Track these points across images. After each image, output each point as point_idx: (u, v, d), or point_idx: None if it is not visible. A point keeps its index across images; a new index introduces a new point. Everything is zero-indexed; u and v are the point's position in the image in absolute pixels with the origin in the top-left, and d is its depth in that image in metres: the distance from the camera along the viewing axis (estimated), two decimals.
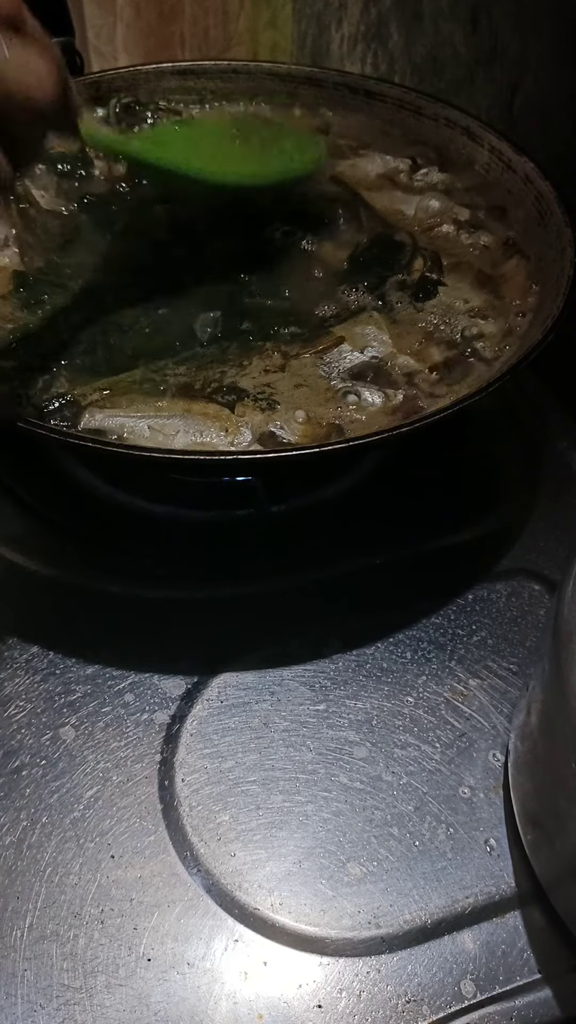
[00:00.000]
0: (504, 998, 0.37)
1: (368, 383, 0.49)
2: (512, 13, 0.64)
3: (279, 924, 0.39)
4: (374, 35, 0.84)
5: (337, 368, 0.50)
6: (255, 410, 0.47)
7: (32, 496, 0.54)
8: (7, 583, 0.51)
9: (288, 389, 0.49)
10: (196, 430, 0.46)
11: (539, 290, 0.53)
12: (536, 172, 0.57)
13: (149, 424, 0.46)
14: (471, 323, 0.51)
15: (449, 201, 0.60)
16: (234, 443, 0.46)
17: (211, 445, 0.45)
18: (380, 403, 0.48)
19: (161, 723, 0.44)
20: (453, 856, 0.41)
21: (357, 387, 0.48)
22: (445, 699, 0.46)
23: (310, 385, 0.49)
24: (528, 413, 0.61)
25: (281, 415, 0.47)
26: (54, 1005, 0.36)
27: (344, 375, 0.49)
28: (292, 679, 0.46)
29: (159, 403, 0.47)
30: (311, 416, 0.47)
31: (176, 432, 0.46)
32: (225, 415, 0.47)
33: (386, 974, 0.38)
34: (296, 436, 0.46)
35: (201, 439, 0.46)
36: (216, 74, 0.69)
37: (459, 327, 0.51)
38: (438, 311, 0.53)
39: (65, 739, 0.44)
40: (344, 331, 0.51)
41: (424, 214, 0.59)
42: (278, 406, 0.47)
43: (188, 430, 0.46)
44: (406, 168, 0.63)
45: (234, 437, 0.46)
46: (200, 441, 0.46)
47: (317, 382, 0.49)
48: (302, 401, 0.48)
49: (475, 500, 0.56)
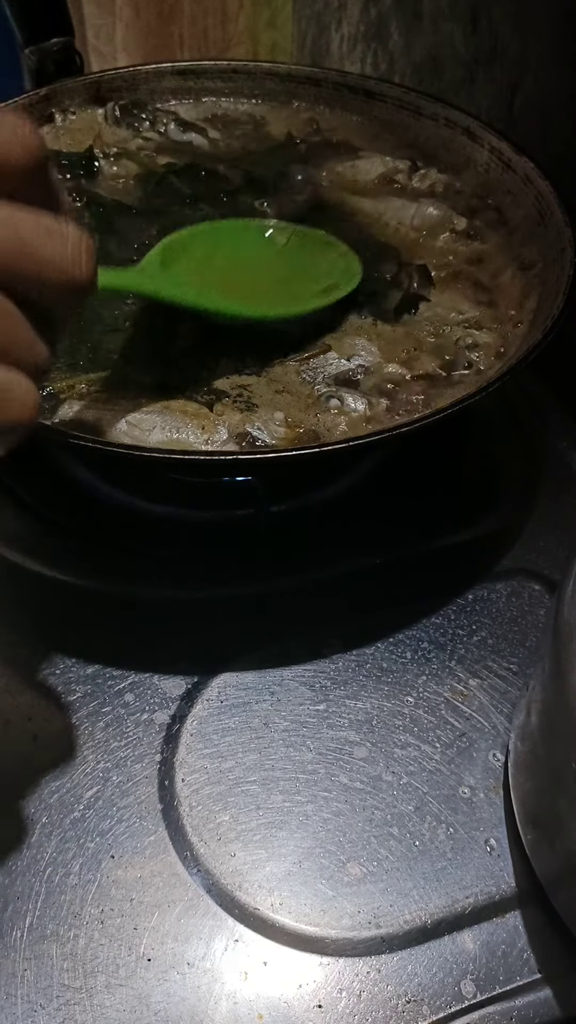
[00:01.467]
0: (504, 998, 0.37)
1: (352, 389, 0.48)
2: (512, 13, 0.64)
3: (279, 924, 0.39)
4: (374, 35, 0.84)
5: (322, 374, 0.49)
6: (233, 410, 0.47)
7: (32, 496, 0.54)
8: (7, 583, 0.51)
9: (268, 392, 0.48)
10: (172, 427, 0.46)
11: (536, 300, 0.53)
12: (536, 172, 0.57)
13: (126, 419, 0.46)
14: (465, 334, 0.51)
15: (447, 209, 0.59)
16: (210, 441, 0.45)
17: (187, 443, 0.45)
18: (363, 409, 0.47)
19: (161, 723, 0.44)
20: (453, 856, 0.41)
21: (341, 392, 0.48)
22: (445, 699, 0.46)
23: (291, 390, 0.48)
24: (528, 413, 0.61)
25: (260, 416, 0.47)
26: (54, 1005, 0.36)
27: (328, 380, 0.49)
28: (292, 679, 0.46)
29: (137, 399, 0.47)
30: (290, 419, 0.47)
31: (152, 428, 0.46)
32: (203, 413, 0.47)
33: (386, 974, 0.38)
34: (274, 438, 0.46)
35: (177, 436, 0.45)
36: (216, 74, 0.69)
37: (453, 338, 0.51)
38: (431, 322, 0.52)
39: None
40: (333, 340, 0.51)
41: (421, 222, 0.59)
42: (257, 408, 0.47)
43: (165, 427, 0.46)
44: (405, 168, 0.63)
45: (210, 435, 0.46)
46: (176, 438, 0.45)
47: (299, 387, 0.49)
48: (282, 404, 0.48)
49: (475, 500, 0.56)
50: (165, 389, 0.48)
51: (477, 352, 0.50)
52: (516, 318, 0.52)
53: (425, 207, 0.59)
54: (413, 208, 0.59)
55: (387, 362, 0.50)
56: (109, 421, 0.46)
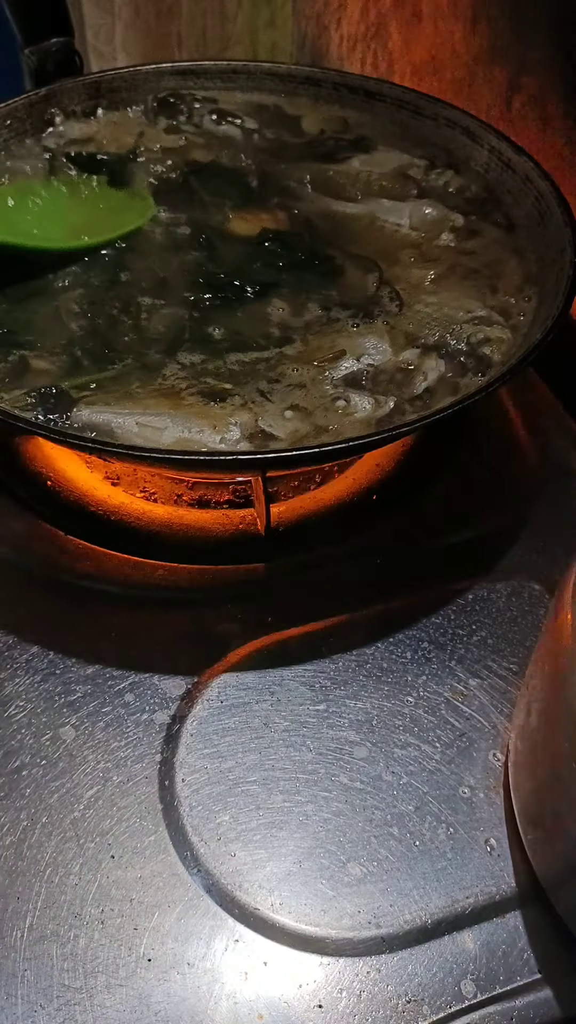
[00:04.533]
0: (504, 998, 0.37)
1: (360, 389, 0.48)
2: (512, 13, 0.64)
3: (279, 924, 0.39)
4: (374, 35, 0.84)
5: (331, 375, 0.49)
6: (244, 410, 0.47)
7: (32, 496, 0.54)
8: (7, 583, 0.51)
9: (279, 391, 0.48)
10: (184, 427, 0.46)
11: (536, 300, 0.53)
12: (536, 172, 0.57)
13: (137, 420, 0.46)
14: (476, 330, 0.51)
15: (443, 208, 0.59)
16: (223, 441, 0.45)
17: (199, 443, 0.45)
18: (370, 409, 0.47)
19: (161, 723, 0.44)
20: (453, 856, 0.41)
21: (349, 393, 0.48)
22: (445, 699, 0.46)
23: (303, 388, 0.49)
24: (528, 413, 0.61)
25: (271, 415, 0.47)
26: (54, 1005, 0.36)
27: (338, 381, 0.49)
28: (292, 679, 0.46)
29: (148, 400, 0.47)
30: (300, 418, 0.47)
31: (164, 428, 0.46)
32: (214, 413, 0.47)
33: (386, 974, 0.38)
34: (285, 437, 0.46)
35: (189, 436, 0.46)
36: (216, 74, 0.69)
37: (464, 335, 0.51)
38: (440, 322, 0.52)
39: (65, 739, 0.44)
40: (346, 341, 0.51)
41: (420, 222, 0.58)
42: (268, 406, 0.47)
43: (176, 427, 0.46)
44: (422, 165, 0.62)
45: (223, 435, 0.46)
46: (188, 438, 0.45)
47: (309, 386, 0.49)
48: (292, 403, 0.48)
49: (475, 500, 0.56)
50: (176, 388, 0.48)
51: (489, 347, 0.50)
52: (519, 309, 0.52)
53: (421, 207, 0.59)
54: (408, 207, 0.59)
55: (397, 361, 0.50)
56: (119, 424, 0.46)
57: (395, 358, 0.50)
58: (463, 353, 0.50)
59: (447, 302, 0.53)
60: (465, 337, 0.51)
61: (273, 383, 0.49)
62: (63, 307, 0.52)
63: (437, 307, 0.53)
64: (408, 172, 0.62)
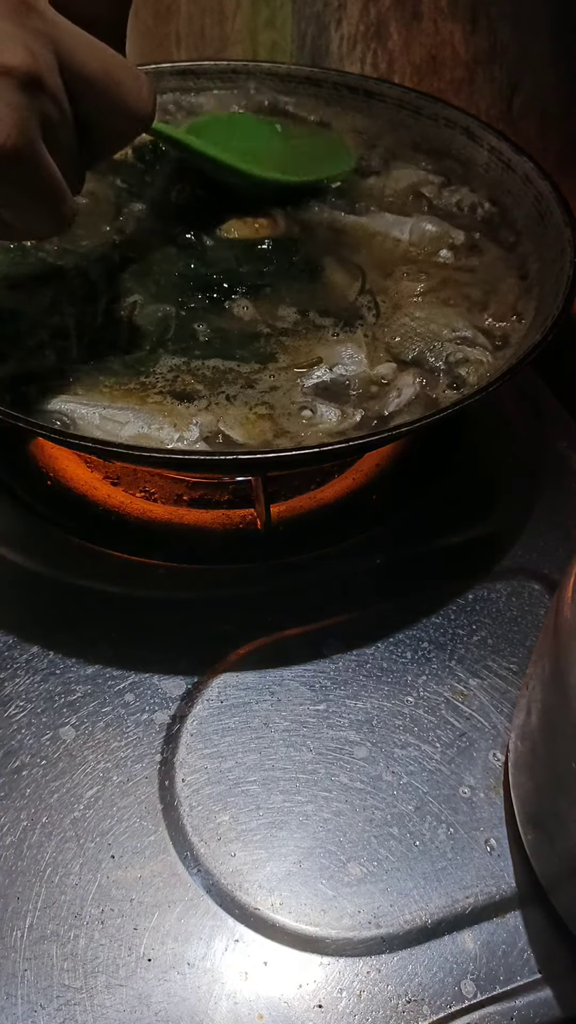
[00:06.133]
0: (504, 998, 0.37)
1: (328, 400, 0.48)
2: (512, 13, 0.64)
3: (279, 924, 0.39)
4: (374, 35, 0.84)
5: (303, 383, 0.49)
6: (207, 411, 0.47)
7: (32, 496, 0.54)
8: (7, 583, 0.51)
9: (249, 395, 0.48)
10: (145, 423, 0.46)
11: (536, 300, 0.52)
12: (536, 172, 0.57)
13: (101, 413, 0.46)
14: (456, 349, 0.50)
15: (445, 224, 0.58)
16: (181, 439, 0.45)
17: (158, 439, 0.45)
18: (335, 420, 0.47)
19: (161, 723, 0.44)
20: (453, 856, 0.41)
21: (316, 403, 0.48)
22: (445, 699, 0.46)
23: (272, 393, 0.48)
24: (528, 413, 0.62)
25: (232, 418, 0.47)
26: (54, 1005, 0.36)
27: (307, 390, 0.48)
28: (292, 679, 0.46)
29: (117, 394, 0.47)
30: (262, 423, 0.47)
31: (126, 422, 0.46)
32: (179, 412, 0.47)
33: (386, 974, 0.38)
34: (243, 441, 0.46)
35: (148, 432, 0.46)
36: (215, 74, 0.69)
37: (443, 353, 0.50)
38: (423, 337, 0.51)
39: (65, 739, 0.44)
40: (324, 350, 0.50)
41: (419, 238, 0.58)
42: (231, 409, 0.47)
43: (138, 422, 0.46)
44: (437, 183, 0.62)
45: (182, 433, 0.46)
46: (147, 434, 0.46)
47: (280, 392, 0.48)
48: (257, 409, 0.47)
49: (475, 500, 0.56)
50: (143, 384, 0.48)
51: (466, 368, 0.50)
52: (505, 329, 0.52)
53: (422, 223, 0.58)
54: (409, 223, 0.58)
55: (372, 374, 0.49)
56: (82, 415, 0.46)
57: (370, 371, 0.49)
58: (440, 371, 0.50)
59: (434, 318, 0.52)
60: (444, 356, 0.50)
61: (246, 388, 0.48)
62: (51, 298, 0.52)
63: (424, 322, 0.52)
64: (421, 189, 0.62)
